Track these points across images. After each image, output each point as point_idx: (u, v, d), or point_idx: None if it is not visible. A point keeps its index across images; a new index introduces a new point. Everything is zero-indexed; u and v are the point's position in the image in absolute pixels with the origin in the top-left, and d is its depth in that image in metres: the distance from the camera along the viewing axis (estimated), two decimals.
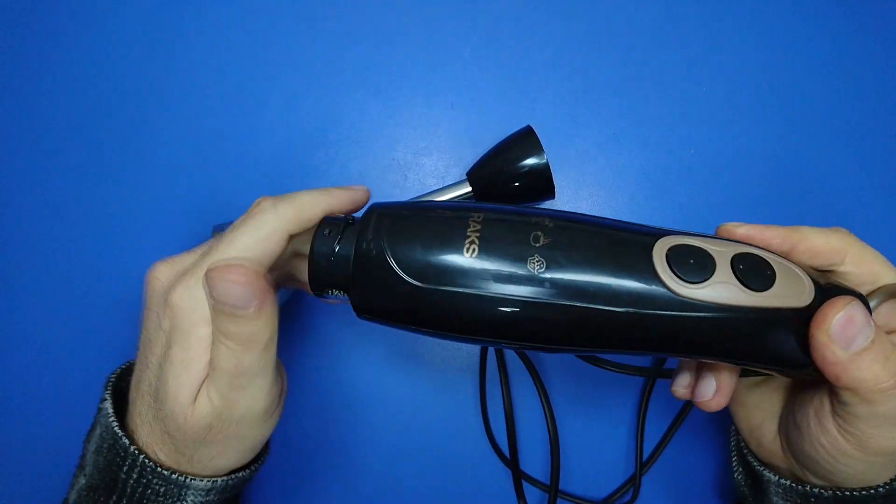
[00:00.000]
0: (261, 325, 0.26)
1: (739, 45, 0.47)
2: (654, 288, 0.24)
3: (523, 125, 0.43)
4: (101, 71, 0.46)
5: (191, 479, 0.27)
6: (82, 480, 0.29)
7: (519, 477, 0.42)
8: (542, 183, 0.41)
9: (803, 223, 0.45)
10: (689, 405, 0.43)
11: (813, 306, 0.24)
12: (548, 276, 0.24)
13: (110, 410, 0.29)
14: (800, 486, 0.29)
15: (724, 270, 0.24)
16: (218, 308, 0.25)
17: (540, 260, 0.24)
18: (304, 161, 0.46)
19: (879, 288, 0.26)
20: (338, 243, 0.27)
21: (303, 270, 0.28)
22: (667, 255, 0.24)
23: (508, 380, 0.44)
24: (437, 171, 0.46)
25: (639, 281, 0.24)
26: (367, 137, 0.46)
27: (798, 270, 0.25)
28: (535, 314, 0.24)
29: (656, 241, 0.24)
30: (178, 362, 0.26)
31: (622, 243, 0.25)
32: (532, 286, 0.24)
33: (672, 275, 0.24)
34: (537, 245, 0.24)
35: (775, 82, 0.47)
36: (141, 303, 0.29)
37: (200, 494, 0.28)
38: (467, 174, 0.43)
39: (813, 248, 0.27)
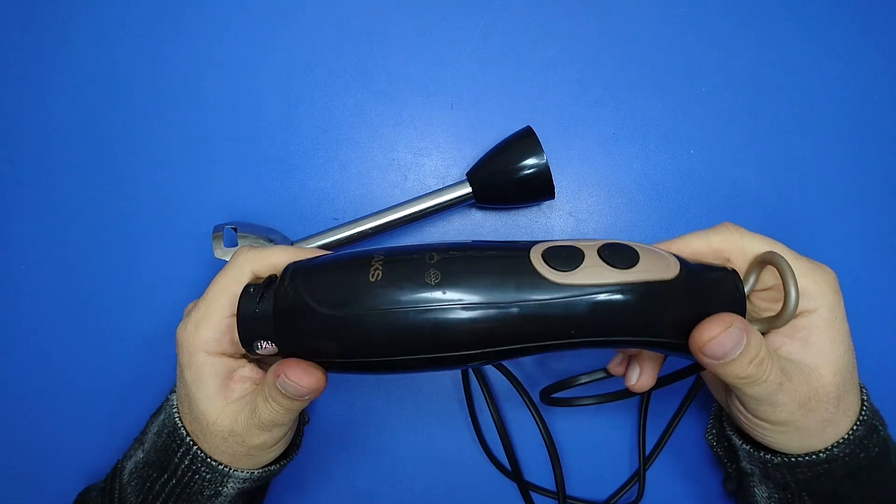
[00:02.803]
0: (308, 402, 0.31)
1: (739, 46, 0.47)
2: (534, 280, 0.27)
3: (523, 125, 0.43)
4: (100, 71, 0.47)
5: (233, 470, 0.32)
6: (140, 455, 0.34)
7: (526, 488, 0.43)
8: (541, 183, 0.41)
9: (803, 223, 0.46)
10: (688, 401, 0.44)
11: (680, 277, 0.28)
12: (444, 285, 0.27)
13: (174, 402, 0.34)
14: (757, 452, 0.33)
15: (592, 258, 0.28)
16: (278, 389, 0.29)
17: (435, 273, 0.27)
18: (304, 161, 0.46)
19: (753, 260, 0.30)
20: (260, 298, 0.29)
21: None
22: (542, 254, 0.28)
23: (493, 394, 0.44)
24: (437, 171, 0.46)
25: (521, 277, 0.27)
26: (367, 138, 0.46)
27: (662, 251, 0.29)
28: (439, 322, 0.27)
29: (532, 246, 0.29)
30: (191, 382, 0.31)
31: (505, 252, 0.29)
32: (432, 295, 0.27)
33: (548, 268, 0.27)
34: (432, 262, 0.28)
35: (775, 82, 0.47)
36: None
37: (239, 482, 0.33)
38: (467, 174, 0.43)
39: (696, 251, 0.31)
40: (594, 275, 0.27)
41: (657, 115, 0.46)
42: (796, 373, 0.29)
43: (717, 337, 0.27)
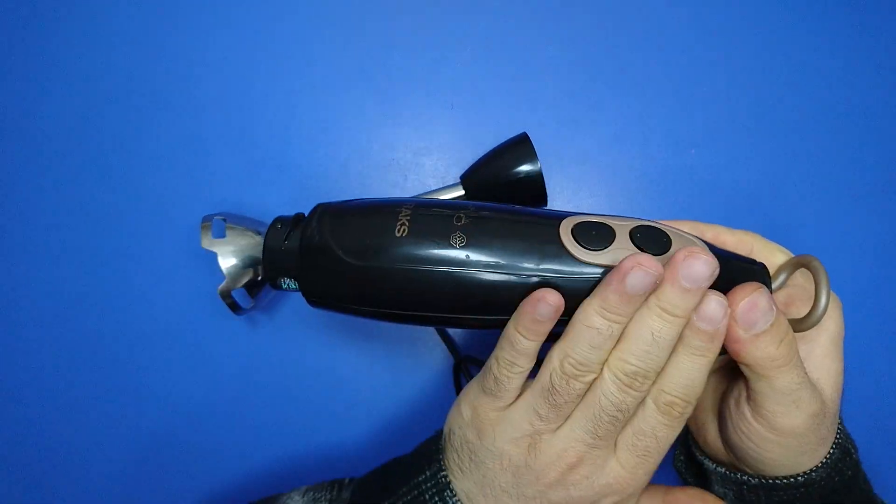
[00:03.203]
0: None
1: (740, 46, 0.47)
2: (560, 255, 0.27)
3: (523, 125, 0.43)
4: (100, 70, 0.47)
5: None
6: None
7: None
8: (534, 190, 0.41)
9: (802, 223, 0.45)
10: None
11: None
12: (469, 248, 0.27)
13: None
14: (733, 475, 0.32)
15: (623, 239, 0.27)
16: None
17: (461, 236, 0.27)
18: (304, 161, 0.46)
19: (785, 262, 0.30)
20: (287, 237, 0.30)
21: None
22: (572, 230, 0.27)
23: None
24: (436, 172, 0.46)
25: (547, 250, 0.27)
26: (367, 137, 0.46)
27: (695, 239, 0.28)
28: (460, 283, 0.27)
29: (563, 219, 0.28)
30: None
31: (534, 221, 0.28)
32: (455, 258, 0.27)
33: (576, 244, 0.27)
34: (459, 224, 0.27)
35: (775, 82, 0.47)
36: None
37: None
38: (461, 178, 0.43)
39: (724, 243, 0.30)
40: (622, 258, 0.26)
41: (658, 115, 0.46)
42: (809, 386, 0.28)
43: (750, 296, 0.25)
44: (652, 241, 0.27)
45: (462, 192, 0.42)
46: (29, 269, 0.45)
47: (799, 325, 0.28)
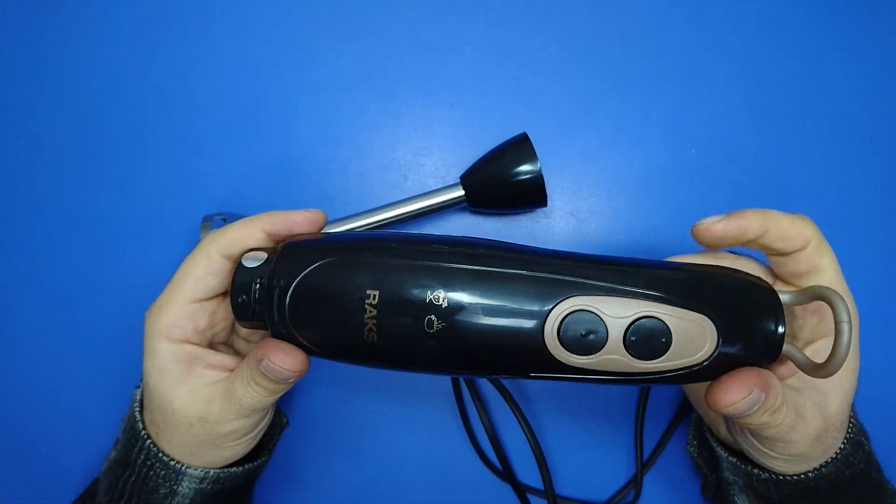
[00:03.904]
0: (291, 385, 0.30)
1: (740, 46, 0.47)
2: (546, 360, 0.25)
3: (523, 125, 0.43)
4: (99, 70, 0.47)
5: (185, 467, 0.31)
6: (112, 454, 0.34)
7: (522, 490, 0.42)
8: (534, 191, 0.40)
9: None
10: (685, 405, 0.43)
11: (705, 364, 0.25)
12: (444, 354, 0.26)
13: (138, 397, 0.33)
14: (743, 465, 0.32)
15: (615, 343, 0.25)
16: (261, 373, 0.28)
17: (434, 345, 0.25)
18: (303, 161, 0.46)
19: (806, 289, 0.27)
20: (253, 294, 0.28)
21: None
22: (559, 328, 0.25)
23: (480, 394, 0.43)
24: (436, 172, 0.46)
25: (531, 357, 0.25)
26: (367, 137, 0.46)
27: (707, 326, 0.25)
28: (434, 369, 0.27)
29: (550, 310, 0.25)
30: (151, 370, 0.30)
31: (517, 318, 0.25)
32: (429, 358, 0.26)
33: (564, 350, 0.25)
34: (431, 331, 0.25)
35: (775, 82, 0.47)
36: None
37: (194, 482, 0.31)
38: (461, 178, 0.43)
39: (782, 231, 0.28)
40: (613, 364, 0.25)
41: (658, 114, 0.46)
42: (810, 408, 0.28)
43: (748, 397, 0.25)
44: (648, 347, 0.25)
45: (462, 193, 0.42)
46: (28, 270, 0.45)
47: (813, 371, 0.26)
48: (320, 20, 0.47)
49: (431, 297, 0.25)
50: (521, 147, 0.41)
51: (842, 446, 0.30)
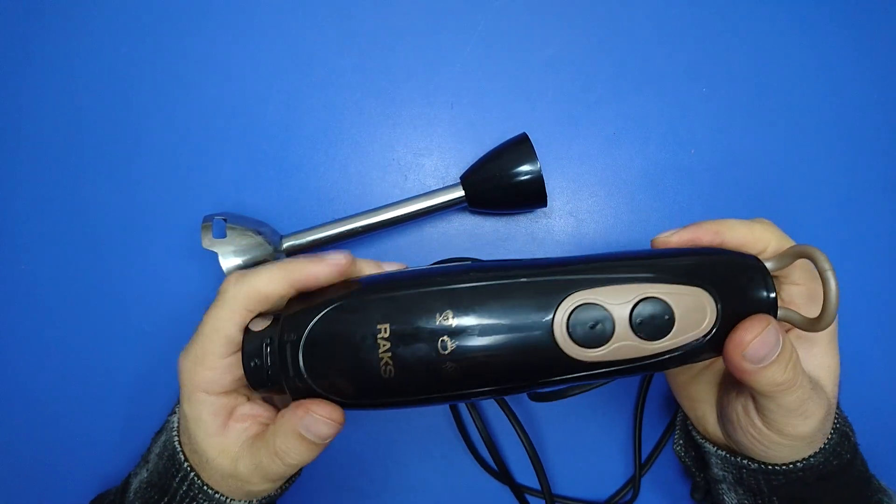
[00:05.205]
0: (319, 452, 0.30)
1: (739, 46, 0.47)
2: (557, 360, 0.26)
3: (523, 125, 0.43)
4: (100, 70, 0.47)
5: (231, 500, 0.31)
6: (144, 474, 0.33)
7: (521, 491, 0.43)
8: (534, 191, 0.41)
9: (801, 223, 0.45)
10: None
11: (711, 333, 0.26)
12: (460, 375, 0.26)
13: (175, 425, 0.33)
14: (733, 458, 0.32)
15: (623, 329, 0.25)
16: (300, 434, 0.28)
17: (451, 364, 0.26)
18: (303, 161, 0.46)
19: (784, 251, 0.28)
20: (265, 355, 0.28)
21: None
22: (568, 325, 0.25)
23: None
24: (437, 172, 0.46)
25: (543, 359, 0.26)
26: (367, 138, 0.46)
27: (704, 297, 0.26)
28: (453, 398, 0.28)
29: (556, 308, 0.26)
30: (191, 418, 0.30)
31: (526, 318, 0.26)
32: (448, 388, 0.26)
33: (576, 347, 0.25)
34: (445, 353, 0.26)
35: (775, 82, 0.47)
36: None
37: None
38: (461, 178, 0.43)
39: (739, 237, 0.29)
40: (624, 351, 0.26)
41: (657, 115, 0.46)
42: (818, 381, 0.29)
43: (762, 335, 0.25)
44: (653, 326, 0.26)
45: (462, 193, 0.42)
46: (28, 270, 0.45)
47: (811, 325, 0.27)
48: (320, 20, 0.47)
49: (440, 318, 0.26)
50: (521, 147, 0.41)
51: (830, 436, 0.31)
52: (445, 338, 0.26)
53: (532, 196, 0.41)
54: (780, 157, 0.46)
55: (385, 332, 0.26)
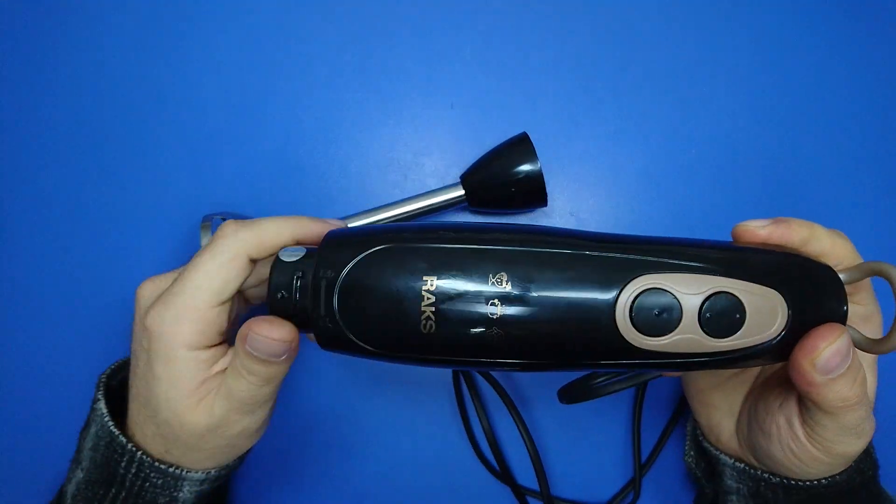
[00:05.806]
0: (284, 368, 0.29)
1: (739, 46, 0.47)
2: (616, 344, 0.24)
3: (524, 125, 0.43)
4: (99, 69, 0.46)
5: (186, 472, 0.30)
6: (80, 474, 0.31)
7: (521, 492, 0.42)
8: (534, 191, 0.40)
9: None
10: (682, 405, 0.43)
11: (776, 340, 0.24)
12: (506, 344, 0.24)
13: (104, 410, 0.31)
14: (752, 471, 0.31)
15: (689, 321, 0.24)
16: (249, 353, 0.27)
17: (499, 332, 0.24)
18: (303, 161, 0.46)
19: (854, 266, 0.27)
20: (296, 291, 0.26)
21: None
22: (631, 307, 0.24)
23: (480, 396, 0.43)
24: (437, 171, 0.46)
25: (599, 341, 0.24)
26: (367, 137, 0.46)
27: (778, 300, 0.24)
28: (494, 367, 0.26)
29: (623, 286, 0.24)
30: (164, 379, 0.28)
31: (587, 296, 0.24)
32: (490, 351, 0.24)
33: (636, 332, 0.24)
34: (494, 317, 0.24)
35: (775, 82, 0.47)
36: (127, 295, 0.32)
37: (195, 484, 0.30)
38: (461, 177, 0.43)
39: (821, 246, 0.28)
40: (686, 345, 0.24)
41: (658, 114, 0.46)
42: None
43: (835, 344, 0.24)
44: (723, 323, 0.24)
45: (462, 192, 0.42)
46: (28, 270, 0.45)
47: (872, 346, 0.26)
48: (320, 20, 0.47)
49: (494, 279, 0.24)
50: (521, 147, 0.41)
51: None
52: (496, 302, 0.24)
53: (532, 195, 0.41)
54: (782, 157, 0.46)
55: (431, 284, 0.24)
